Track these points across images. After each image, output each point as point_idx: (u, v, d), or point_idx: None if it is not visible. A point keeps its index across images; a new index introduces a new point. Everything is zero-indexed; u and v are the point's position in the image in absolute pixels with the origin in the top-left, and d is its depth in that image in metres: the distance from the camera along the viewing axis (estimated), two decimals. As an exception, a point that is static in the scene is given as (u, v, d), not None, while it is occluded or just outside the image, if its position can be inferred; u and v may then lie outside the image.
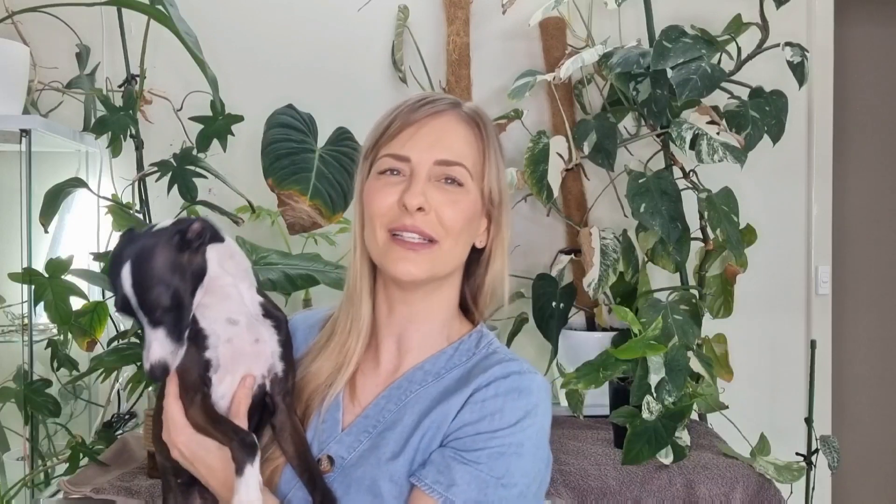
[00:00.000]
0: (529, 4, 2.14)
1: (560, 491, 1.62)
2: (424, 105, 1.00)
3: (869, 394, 2.72)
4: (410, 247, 0.96)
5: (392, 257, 0.97)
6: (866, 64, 2.68)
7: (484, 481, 0.91)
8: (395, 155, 0.98)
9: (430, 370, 1.01)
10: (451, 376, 1.00)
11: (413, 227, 0.95)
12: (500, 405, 0.93)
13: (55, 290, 1.64)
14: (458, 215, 0.97)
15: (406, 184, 0.97)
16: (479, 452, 0.92)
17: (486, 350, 1.03)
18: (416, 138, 0.98)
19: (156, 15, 1.70)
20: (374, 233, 0.98)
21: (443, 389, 0.98)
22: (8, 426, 1.88)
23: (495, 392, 0.94)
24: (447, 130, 0.99)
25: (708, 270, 2.01)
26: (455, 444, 0.93)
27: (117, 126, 1.88)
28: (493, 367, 0.98)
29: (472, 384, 0.96)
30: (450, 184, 0.98)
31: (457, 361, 1.02)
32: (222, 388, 0.98)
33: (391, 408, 0.99)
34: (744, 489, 1.66)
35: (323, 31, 2.28)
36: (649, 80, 1.92)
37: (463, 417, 0.94)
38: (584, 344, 2.07)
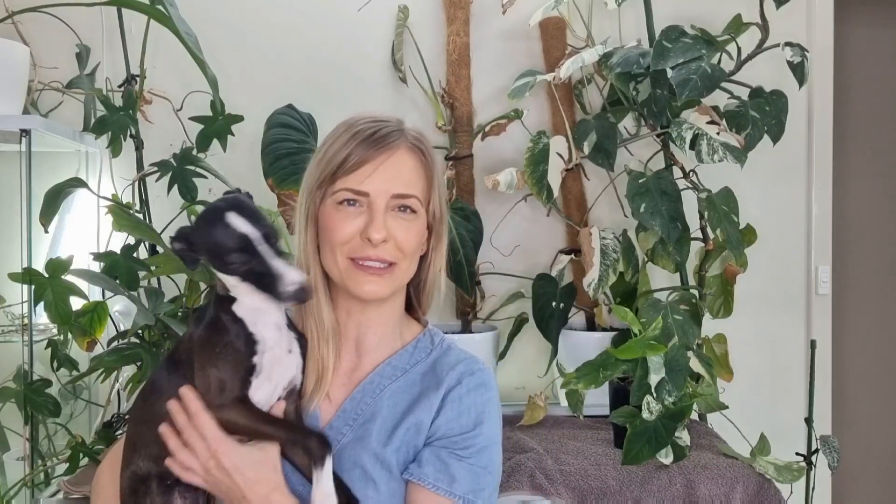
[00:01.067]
0: (529, 4, 2.14)
1: (560, 491, 1.62)
2: (377, 138, 1.07)
3: (869, 394, 2.72)
4: (374, 271, 1.07)
5: (357, 280, 1.07)
6: (866, 64, 2.68)
7: (476, 472, 1.06)
8: (355, 190, 1.07)
9: (396, 366, 1.13)
10: (415, 370, 1.13)
11: (376, 258, 1.06)
12: (473, 400, 1.09)
13: (55, 290, 1.63)
14: (412, 239, 1.09)
15: (365, 216, 1.06)
16: (469, 449, 1.07)
17: (442, 347, 1.16)
18: (375, 175, 1.06)
19: (156, 15, 1.70)
20: (335, 258, 1.08)
21: (410, 382, 1.11)
22: (8, 426, 1.88)
23: (467, 389, 1.09)
24: (402, 165, 1.09)
25: (708, 270, 2.01)
26: (446, 444, 1.07)
27: (117, 126, 1.88)
28: (456, 364, 1.11)
29: (444, 383, 1.09)
30: (403, 211, 1.09)
31: (418, 357, 1.14)
32: (259, 395, 1.00)
33: (367, 401, 1.10)
34: (744, 489, 1.66)
35: (323, 31, 2.28)
36: (649, 80, 1.92)
37: (446, 415, 1.07)
38: (584, 344, 2.07)
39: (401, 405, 1.09)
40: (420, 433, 1.07)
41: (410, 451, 1.07)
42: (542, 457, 1.72)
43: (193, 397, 0.99)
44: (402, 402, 1.10)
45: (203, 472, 0.99)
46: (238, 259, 0.95)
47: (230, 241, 0.95)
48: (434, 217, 1.14)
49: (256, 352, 0.99)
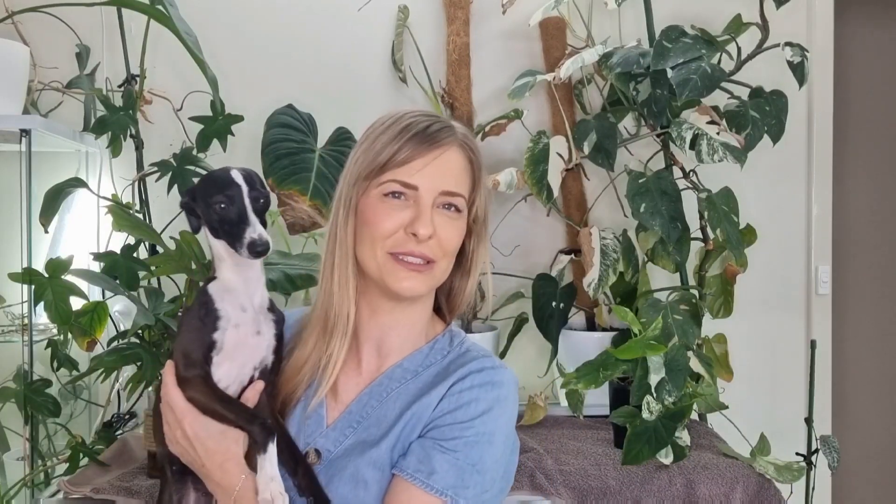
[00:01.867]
0: (529, 4, 2.14)
1: (560, 491, 1.62)
2: (431, 133, 1.05)
3: (869, 394, 2.72)
4: (414, 268, 1.04)
5: (396, 275, 1.04)
6: (866, 64, 2.68)
7: (461, 468, 1.00)
8: (405, 182, 1.04)
9: (408, 368, 1.09)
10: (428, 373, 1.09)
11: (419, 254, 1.04)
12: (475, 395, 1.03)
13: (55, 290, 1.63)
14: (455, 238, 1.08)
15: (411, 210, 1.04)
16: (455, 441, 1.01)
17: (460, 349, 1.12)
18: (426, 170, 1.04)
19: (156, 15, 1.70)
20: (374, 252, 1.04)
21: (421, 385, 1.07)
22: (8, 426, 1.88)
23: (471, 384, 1.04)
24: (452, 163, 1.06)
25: (708, 270, 2.01)
26: (434, 434, 1.02)
27: (117, 126, 1.88)
28: (469, 363, 1.07)
29: (450, 378, 1.05)
30: (448, 209, 1.06)
31: (432, 359, 1.10)
32: (219, 372, 1.03)
33: (373, 404, 1.07)
34: (744, 489, 1.66)
35: (323, 31, 2.28)
36: (649, 80, 1.92)
37: (441, 407, 1.03)
38: (584, 344, 2.07)
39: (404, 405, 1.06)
40: (416, 428, 1.04)
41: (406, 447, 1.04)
42: (542, 457, 1.72)
43: (169, 369, 1.04)
44: (405, 402, 1.06)
45: (173, 443, 1.03)
46: (220, 200, 1.00)
47: (221, 184, 1.02)
48: (476, 219, 1.12)
49: (218, 328, 1.02)
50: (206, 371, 1.02)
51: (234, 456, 1.01)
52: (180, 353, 1.04)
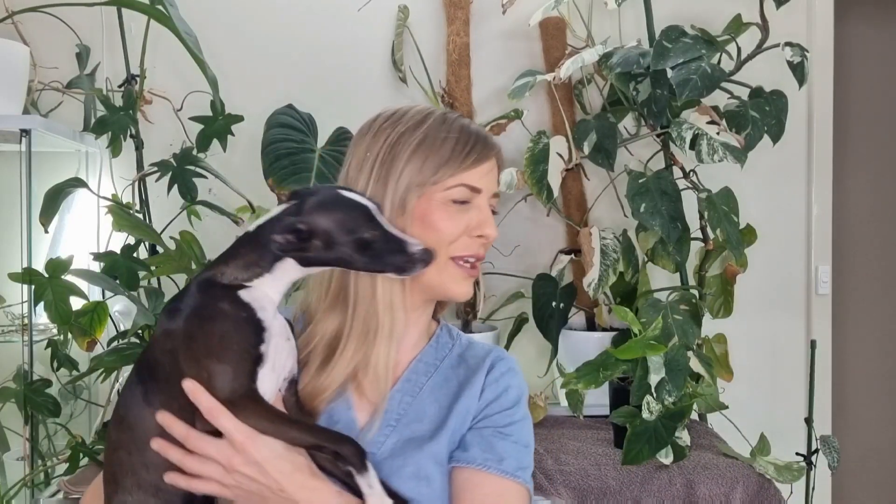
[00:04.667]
0: (529, 4, 2.14)
1: (560, 491, 1.62)
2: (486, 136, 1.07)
3: (869, 394, 2.72)
4: (470, 273, 1.06)
5: (457, 279, 1.05)
6: (866, 64, 2.68)
7: (519, 450, 1.06)
8: (472, 187, 1.04)
9: (428, 362, 1.10)
10: (444, 365, 1.11)
11: (481, 256, 1.06)
12: (508, 382, 1.09)
13: (55, 290, 1.63)
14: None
15: (472, 213, 1.04)
16: (511, 426, 1.06)
17: (461, 340, 1.15)
18: (490, 174, 1.06)
19: (156, 15, 1.70)
20: (438, 258, 1.02)
21: (444, 377, 1.09)
22: (8, 426, 1.88)
23: (501, 372, 1.09)
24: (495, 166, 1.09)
25: (708, 270, 2.01)
26: (488, 423, 1.06)
27: (117, 126, 1.88)
28: (488, 352, 1.12)
29: (480, 369, 1.09)
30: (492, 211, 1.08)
31: (443, 352, 1.12)
32: (263, 386, 0.90)
33: (407, 400, 1.07)
34: (744, 489, 1.66)
35: (323, 31, 2.28)
36: (649, 80, 1.92)
37: (485, 397, 1.07)
38: (584, 344, 2.07)
39: (444, 399, 1.07)
40: (466, 421, 1.06)
41: (458, 440, 1.05)
42: (542, 457, 1.72)
43: (201, 389, 0.87)
44: (444, 397, 1.07)
45: (223, 475, 0.89)
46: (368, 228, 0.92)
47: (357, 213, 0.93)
48: None
49: (264, 340, 0.90)
50: (254, 390, 0.88)
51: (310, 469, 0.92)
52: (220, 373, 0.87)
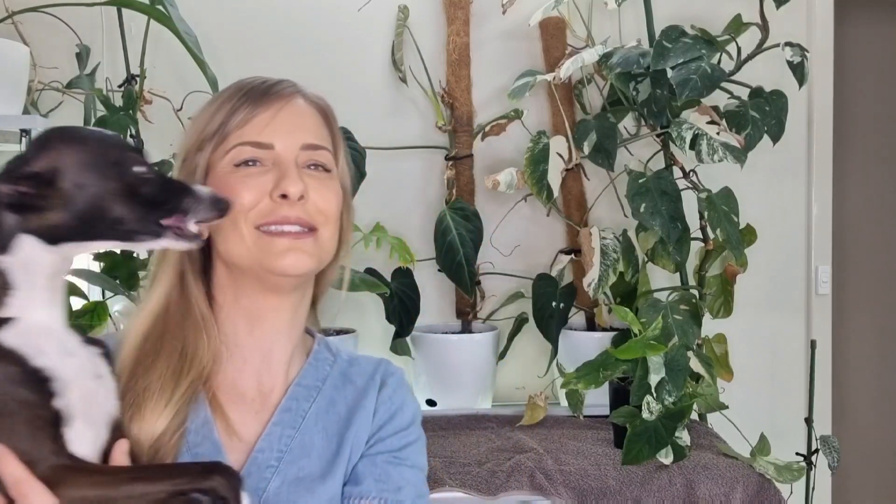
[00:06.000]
0: (529, 4, 2.14)
1: (560, 491, 1.62)
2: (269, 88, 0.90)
3: (869, 394, 2.72)
4: (294, 236, 0.85)
5: (274, 251, 0.85)
6: (866, 64, 2.68)
7: (416, 475, 0.93)
8: (256, 143, 0.86)
9: (309, 385, 0.93)
10: (328, 386, 0.94)
11: (297, 219, 0.85)
12: (401, 399, 0.96)
13: (55, 290, 1.63)
14: (333, 200, 0.89)
15: (273, 174, 0.86)
16: (406, 450, 0.94)
17: (342, 356, 0.99)
18: (275, 124, 0.87)
19: (156, 15, 1.70)
20: (240, 233, 0.85)
21: (329, 401, 0.93)
22: (8, 426, 1.88)
23: (393, 389, 0.96)
24: (303, 114, 0.90)
25: (708, 270, 2.01)
26: (381, 448, 0.92)
27: (117, 126, 1.88)
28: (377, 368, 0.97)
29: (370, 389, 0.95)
30: (315, 169, 0.89)
31: (323, 372, 0.95)
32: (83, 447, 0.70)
33: (289, 433, 0.89)
34: (744, 489, 1.66)
35: (323, 31, 2.28)
36: (649, 80, 1.92)
37: (378, 419, 0.94)
38: (584, 344, 2.07)
39: (333, 427, 0.91)
40: (359, 451, 0.92)
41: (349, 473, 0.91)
42: (542, 457, 1.72)
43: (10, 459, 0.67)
44: (332, 424, 0.92)
45: None
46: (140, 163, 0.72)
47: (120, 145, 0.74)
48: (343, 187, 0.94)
49: (54, 393, 0.68)
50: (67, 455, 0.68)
51: None
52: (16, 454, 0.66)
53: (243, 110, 0.87)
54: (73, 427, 0.69)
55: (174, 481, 0.69)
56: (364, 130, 1.93)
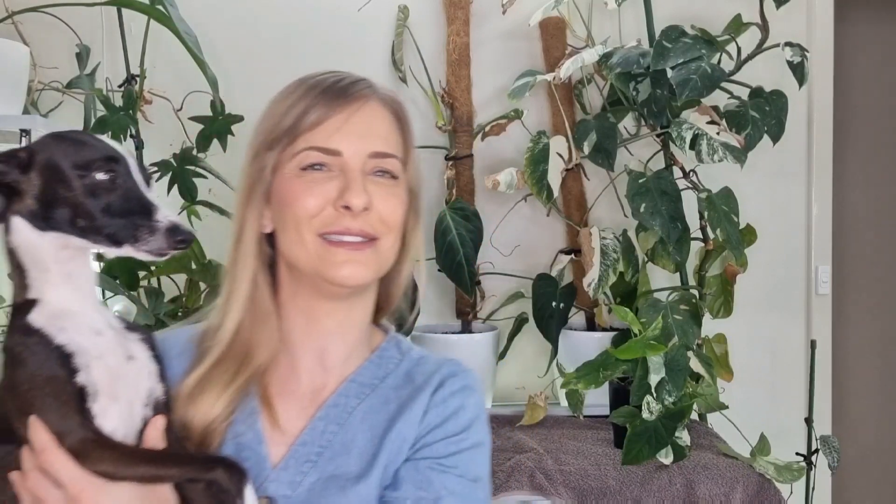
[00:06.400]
0: (529, 4, 2.14)
1: (560, 491, 1.62)
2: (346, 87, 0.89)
3: (869, 394, 2.72)
4: (354, 247, 0.86)
5: (332, 261, 0.85)
6: (866, 64, 2.68)
7: (465, 486, 0.88)
8: (323, 148, 0.86)
9: (364, 382, 0.92)
10: (386, 385, 0.93)
11: (359, 231, 0.85)
12: (459, 403, 0.91)
13: (55, 290, 1.63)
14: (398, 208, 0.89)
15: (338, 181, 0.85)
16: (454, 457, 0.89)
17: (412, 354, 0.97)
18: (346, 129, 0.86)
19: (156, 15, 1.70)
20: (302, 237, 0.85)
21: (383, 399, 0.91)
22: (8, 426, 1.88)
23: (451, 391, 0.91)
24: (376, 119, 0.89)
25: (708, 270, 2.01)
26: (427, 453, 0.88)
27: (117, 126, 1.88)
28: (438, 369, 0.94)
29: (424, 390, 0.91)
30: (381, 176, 0.88)
31: (387, 369, 0.94)
32: (109, 423, 0.74)
33: (332, 429, 0.89)
34: (744, 489, 1.66)
35: (323, 31, 2.28)
36: (649, 80, 1.92)
37: (428, 422, 0.89)
38: (584, 344, 2.07)
39: (378, 427, 0.89)
40: (402, 452, 0.88)
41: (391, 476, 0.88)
42: (542, 457, 1.72)
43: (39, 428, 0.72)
44: (378, 424, 0.89)
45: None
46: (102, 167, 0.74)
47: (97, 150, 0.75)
48: (411, 191, 0.93)
49: (78, 367, 0.73)
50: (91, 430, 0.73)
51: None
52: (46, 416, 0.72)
53: (316, 111, 0.86)
54: (99, 402, 0.73)
55: (182, 469, 0.75)
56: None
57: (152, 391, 0.80)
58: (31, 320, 0.74)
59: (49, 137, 0.77)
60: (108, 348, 0.77)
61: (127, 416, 0.76)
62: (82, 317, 0.77)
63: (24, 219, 0.75)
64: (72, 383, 0.72)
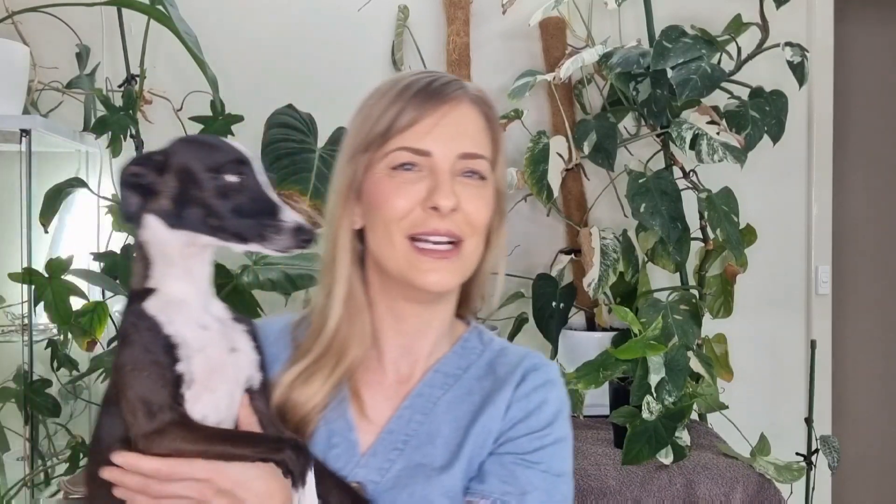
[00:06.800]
0: (529, 4, 2.14)
1: (560, 491, 1.62)
2: (435, 89, 0.90)
3: (869, 394, 2.72)
4: (441, 255, 0.88)
5: (420, 269, 0.87)
6: (866, 64, 2.68)
7: (550, 481, 0.89)
8: (414, 149, 0.87)
9: (448, 372, 0.95)
10: (468, 376, 0.95)
11: (446, 231, 0.87)
12: (542, 397, 0.92)
13: (55, 290, 1.63)
14: (484, 211, 0.91)
15: (427, 182, 0.87)
16: (539, 452, 0.90)
17: (493, 345, 0.99)
18: (437, 131, 0.88)
19: (156, 15, 1.70)
20: (391, 239, 0.88)
21: (466, 390, 0.93)
22: (8, 426, 1.88)
23: (533, 385, 0.93)
24: (466, 121, 0.91)
25: (708, 270, 2.01)
26: (512, 448, 0.90)
27: (117, 126, 1.88)
28: (520, 361, 0.95)
29: (508, 382, 0.93)
30: (470, 177, 0.90)
31: (469, 360, 0.97)
32: (200, 407, 0.81)
33: (418, 419, 0.92)
34: (744, 489, 1.66)
35: (323, 31, 2.28)
36: (649, 80, 1.92)
37: (511, 416, 0.91)
38: (584, 344, 2.07)
39: (463, 418, 0.91)
40: (486, 445, 0.90)
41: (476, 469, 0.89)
42: (542, 457, 1.72)
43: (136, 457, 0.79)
44: (463, 415, 0.91)
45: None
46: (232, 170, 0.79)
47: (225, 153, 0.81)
48: (497, 191, 0.94)
49: (179, 357, 0.80)
50: (180, 412, 0.79)
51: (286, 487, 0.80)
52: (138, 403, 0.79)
53: (409, 113, 0.88)
54: (192, 390, 0.80)
55: (254, 449, 0.79)
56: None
57: (251, 379, 0.87)
58: (146, 307, 0.81)
59: (182, 141, 0.83)
60: (212, 341, 0.83)
61: (226, 402, 0.83)
62: (192, 310, 0.83)
63: (157, 216, 0.82)
64: (171, 370, 0.79)
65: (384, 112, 0.89)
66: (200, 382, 0.81)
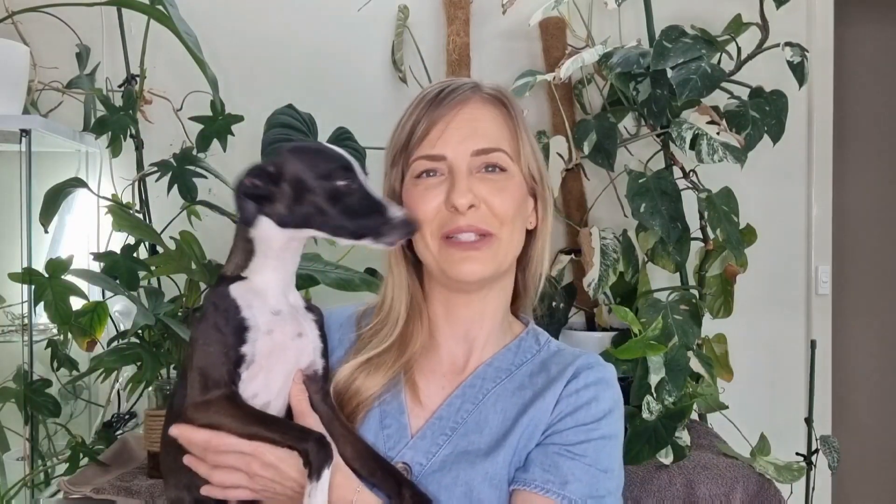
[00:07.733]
0: (529, 4, 2.14)
1: (560, 491, 1.62)
2: (446, 96, 0.96)
3: (869, 394, 2.72)
4: (470, 246, 0.94)
5: (453, 260, 0.94)
6: (866, 64, 2.68)
7: (593, 475, 0.91)
8: (429, 156, 0.95)
9: (500, 367, 0.99)
10: (521, 372, 0.99)
11: (468, 227, 0.93)
12: (593, 394, 0.95)
13: (55, 290, 1.63)
14: (508, 202, 0.95)
15: (447, 183, 0.94)
16: (584, 445, 0.92)
17: (549, 346, 1.03)
18: (447, 134, 0.95)
19: (156, 15, 1.70)
20: (426, 240, 0.96)
21: (518, 385, 0.97)
22: (8, 426, 1.88)
23: (585, 382, 0.96)
24: (477, 117, 0.96)
25: (708, 270, 2.01)
26: (557, 439, 0.93)
27: (117, 126, 1.88)
28: (574, 360, 0.99)
29: (559, 380, 0.96)
30: (491, 171, 0.95)
31: (523, 358, 1.01)
32: (253, 385, 0.90)
33: (468, 408, 0.96)
34: (744, 489, 1.66)
35: (323, 31, 2.28)
36: (649, 80, 1.92)
37: (560, 410, 0.94)
38: (584, 344, 2.07)
39: (511, 410, 0.95)
40: (534, 437, 0.93)
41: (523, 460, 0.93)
42: (542, 457, 1.72)
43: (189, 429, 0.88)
44: (512, 407, 0.95)
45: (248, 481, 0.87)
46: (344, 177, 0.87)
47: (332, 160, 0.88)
48: (532, 177, 0.99)
49: (247, 340, 0.88)
50: (231, 390, 0.87)
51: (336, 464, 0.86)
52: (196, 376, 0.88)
53: (423, 123, 0.96)
54: (250, 370, 0.88)
55: (282, 434, 0.86)
56: (364, 130, 1.93)
57: (313, 364, 0.94)
58: (231, 289, 0.90)
59: (291, 152, 0.91)
60: (280, 325, 0.91)
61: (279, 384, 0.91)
62: (270, 297, 0.91)
63: (269, 218, 0.90)
64: (236, 350, 0.87)
65: (404, 126, 0.98)
66: (259, 363, 0.89)
